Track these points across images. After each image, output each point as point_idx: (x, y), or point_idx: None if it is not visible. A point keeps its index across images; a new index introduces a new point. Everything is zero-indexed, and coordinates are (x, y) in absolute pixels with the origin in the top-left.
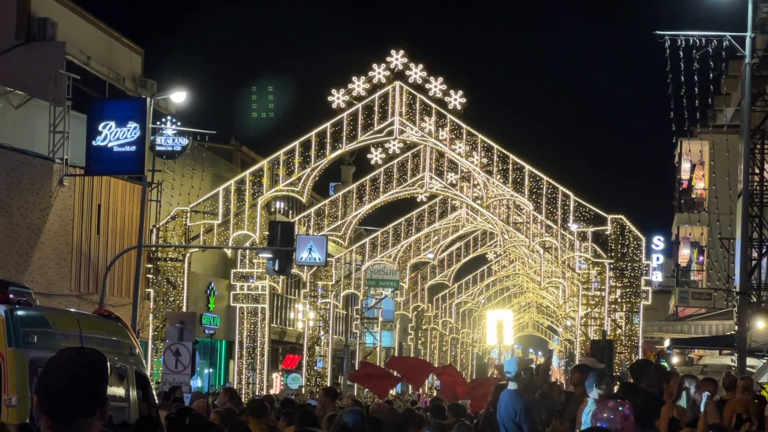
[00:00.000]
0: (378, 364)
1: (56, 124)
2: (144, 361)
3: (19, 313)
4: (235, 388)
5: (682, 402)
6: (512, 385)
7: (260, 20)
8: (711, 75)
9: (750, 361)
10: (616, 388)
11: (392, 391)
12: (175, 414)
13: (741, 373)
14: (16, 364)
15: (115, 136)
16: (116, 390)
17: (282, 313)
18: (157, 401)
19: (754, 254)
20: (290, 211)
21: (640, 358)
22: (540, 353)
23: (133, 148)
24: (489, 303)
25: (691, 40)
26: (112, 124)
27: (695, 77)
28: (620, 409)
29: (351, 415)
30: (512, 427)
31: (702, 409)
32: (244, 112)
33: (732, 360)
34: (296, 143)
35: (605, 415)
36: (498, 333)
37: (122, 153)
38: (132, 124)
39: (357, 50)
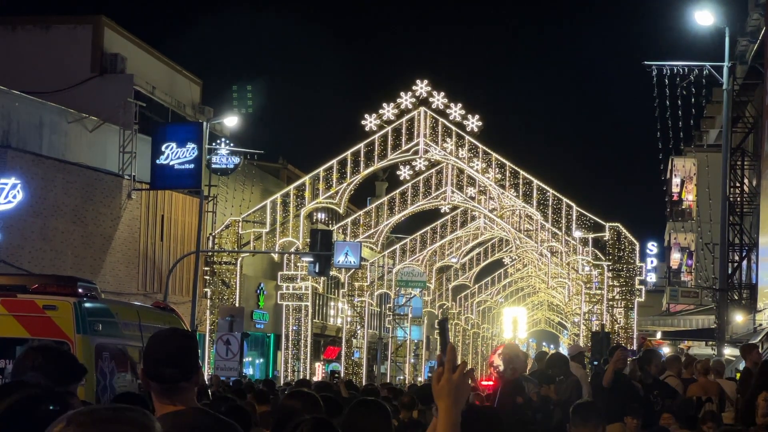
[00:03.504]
0: (407, 355)
1: (125, 145)
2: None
3: (86, 304)
4: (282, 375)
5: None
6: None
7: (302, 54)
8: (693, 100)
9: (730, 350)
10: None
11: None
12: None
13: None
14: (83, 348)
15: (176, 155)
16: None
17: (323, 310)
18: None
19: (736, 257)
20: (330, 221)
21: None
22: (552, 346)
23: (192, 165)
24: (506, 301)
25: (675, 69)
26: (174, 145)
27: (679, 102)
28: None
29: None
30: None
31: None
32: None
33: (713, 350)
34: (334, 161)
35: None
36: (513, 328)
37: (182, 170)
38: (190, 145)
39: (387, 80)
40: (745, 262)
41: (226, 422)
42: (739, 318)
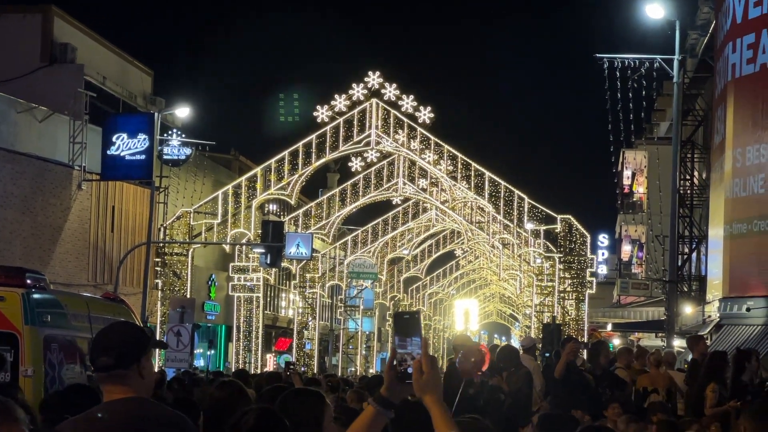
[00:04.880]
0: (358, 347)
1: (75, 135)
2: None
3: (35, 296)
4: (233, 367)
5: None
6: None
7: (256, 46)
8: (644, 93)
9: (679, 342)
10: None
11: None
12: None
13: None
14: (31, 339)
15: (127, 146)
16: None
17: (274, 302)
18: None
19: (686, 249)
20: (281, 213)
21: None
22: (504, 338)
23: (143, 156)
24: (457, 293)
25: (626, 62)
26: (125, 135)
27: (630, 95)
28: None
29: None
30: None
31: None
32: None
33: (662, 341)
34: (286, 153)
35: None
36: (465, 320)
37: (133, 161)
38: (142, 136)
39: (340, 71)
40: (694, 255)
41: (174, 414)
42: (688, 310)
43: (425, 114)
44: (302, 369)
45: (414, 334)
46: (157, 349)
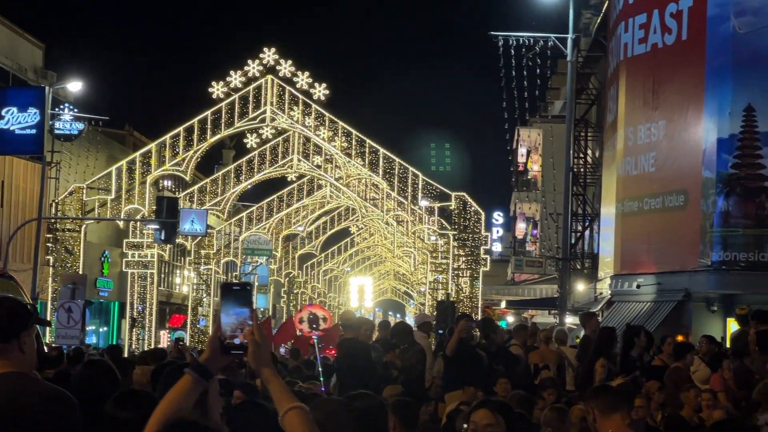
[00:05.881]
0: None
1: None
2: None
3: None
4: (126, 344)
5: None
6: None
7: (152, 21)
8: (539, 71)
9: (572, 319)
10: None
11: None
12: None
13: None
14: None
15: (16, 120)
16: None
17: (169, 278)
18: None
19: (579, 227)
20: (176, 189)
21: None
22: (398, 315)
23: (33, 131)
24: (352, 270)
25: (521, 40)
26: (14, 109)
27: (525, 73)
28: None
29: None
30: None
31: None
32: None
33: (555, 318)
34: (181, 129)
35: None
36: (360, 297)
37: (23, 135)
38: (32, 110)
39: (234, 46)
40: (587, 232)
41: (55, 389)
42: (581, 287)
43: (320, 91)
44: (194, 347)
45: (244, 306)
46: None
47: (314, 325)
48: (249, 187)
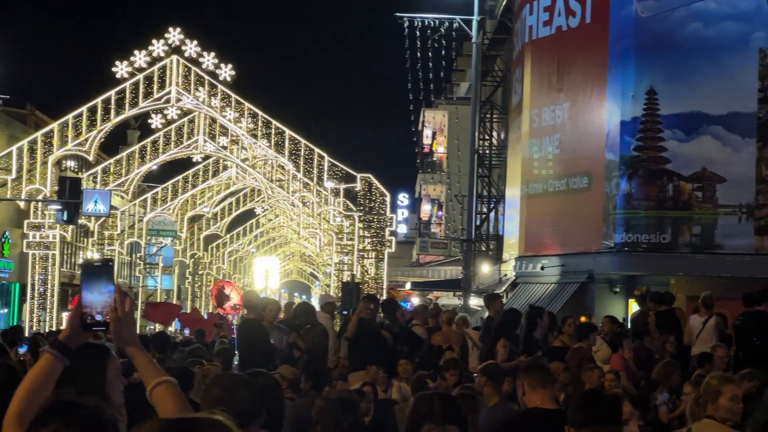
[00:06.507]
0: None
1: None
2: None
3: None
4: (27, 326)
5: None
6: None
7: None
8: (444, 53)
9: (477, 300)
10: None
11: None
12: None
13: (466, 311)
14: None
15: None
16: None
17: (71, 259)
18: None
19: (484, 209)
20: (79, 169)
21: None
22: (304, 296)
23: None
24: (258, 251)
25: (427, 22)
26: None
27: (431, 54)
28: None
29: None
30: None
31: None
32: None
33: (459, 299)
34: (84, 108)
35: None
36: (265, 278)
37: None
38: None
39: (139, 25)
40: (492, 214)
41: None
42: (485, 268)
43: (226, 71)
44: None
45: (107, 283)
46: None
47: (223, 302)
48: (154, 167)
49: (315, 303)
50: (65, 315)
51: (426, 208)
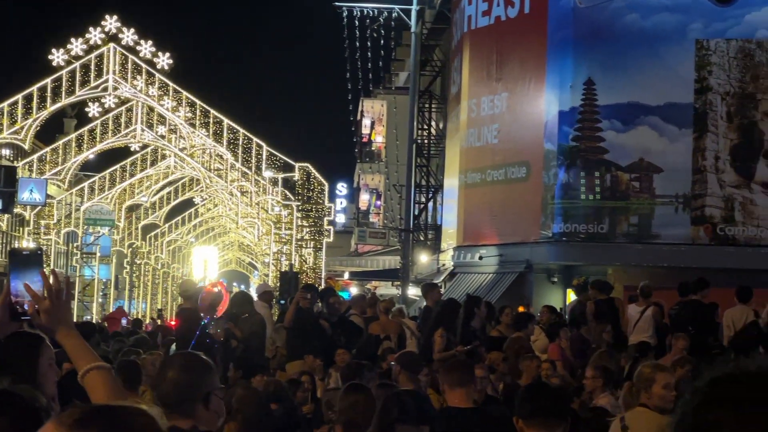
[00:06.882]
0: (94, 294)
1: None
2: None
3: None
4: None
5: None
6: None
7: None
8: (383, 42)
9: (415, 290)
10: None
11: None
12: None
13: (405, 301)
14: None
15: None
16: None
17: (6, 249)
18: None
19: (423, 199)
20: (15, 158)
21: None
22: (242, 286)
23: None
24: (196, 241)
25: (366, 11)
26: None
27: (369, 44)
28: None
29: None
30: None
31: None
32: None
33: (398, 289)
34: (19, 96)
35: None
36: (204, 268)
37: None
38: None
39: (75, 11)
40: (431, 204)
41: None
42: (424, 258)
43: (164, 60)
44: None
45: (35, 272)
46: None
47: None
48: (91, 156)
49: (253, 293)
50: None
51: (364, 198)
